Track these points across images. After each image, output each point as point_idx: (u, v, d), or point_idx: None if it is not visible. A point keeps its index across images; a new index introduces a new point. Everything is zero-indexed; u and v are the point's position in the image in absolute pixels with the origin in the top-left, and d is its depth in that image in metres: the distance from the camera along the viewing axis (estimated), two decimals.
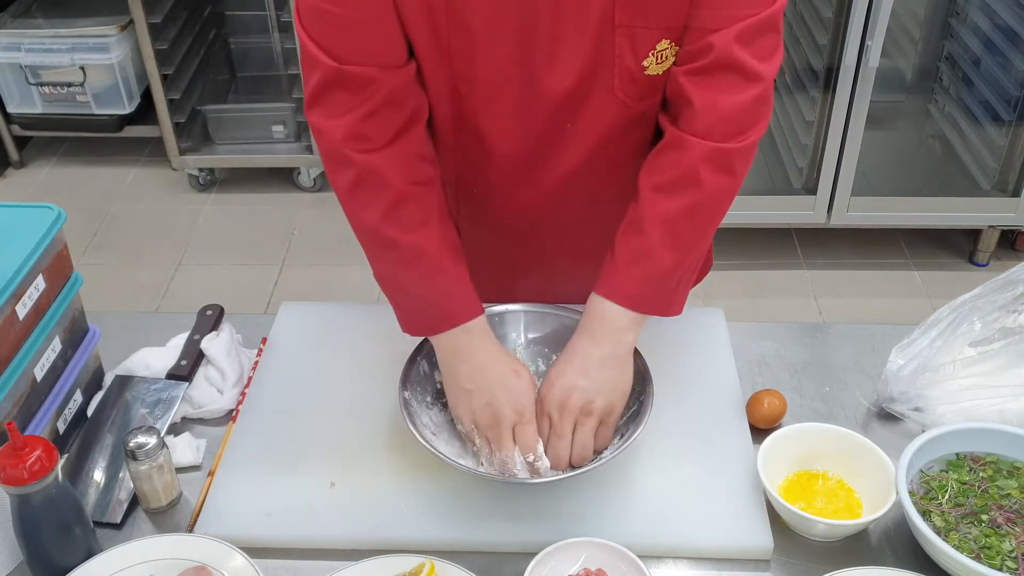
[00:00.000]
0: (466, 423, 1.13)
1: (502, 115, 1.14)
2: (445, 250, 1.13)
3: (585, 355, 1.11)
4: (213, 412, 1.25)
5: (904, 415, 1.21)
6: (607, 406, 1.10)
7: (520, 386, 1.11)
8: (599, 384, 1.10)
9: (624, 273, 1.11)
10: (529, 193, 1.23)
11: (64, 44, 3.18)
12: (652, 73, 1.10)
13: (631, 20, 1.06)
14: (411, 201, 1.11)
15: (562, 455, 1.10)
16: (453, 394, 1.14)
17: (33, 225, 1.16)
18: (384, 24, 1.06)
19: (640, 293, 1.11)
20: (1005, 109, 2.88)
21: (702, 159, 1.07)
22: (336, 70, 1.06)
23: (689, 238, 1.11)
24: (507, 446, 1.10)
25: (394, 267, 1.15)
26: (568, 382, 1.10)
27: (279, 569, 1.05)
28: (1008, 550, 1.01)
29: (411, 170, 1.12)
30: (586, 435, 1.10)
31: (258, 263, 3.11)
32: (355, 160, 1.09)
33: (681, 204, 1.09)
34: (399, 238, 1.11)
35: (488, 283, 1.20)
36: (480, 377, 1.11)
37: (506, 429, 1.10)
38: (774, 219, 2.93)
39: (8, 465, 0.95)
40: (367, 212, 1.12)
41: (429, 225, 1.12)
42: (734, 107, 1.06)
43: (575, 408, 1.09)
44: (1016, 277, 1.25)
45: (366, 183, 1.10)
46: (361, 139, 1.08)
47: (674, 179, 1.09)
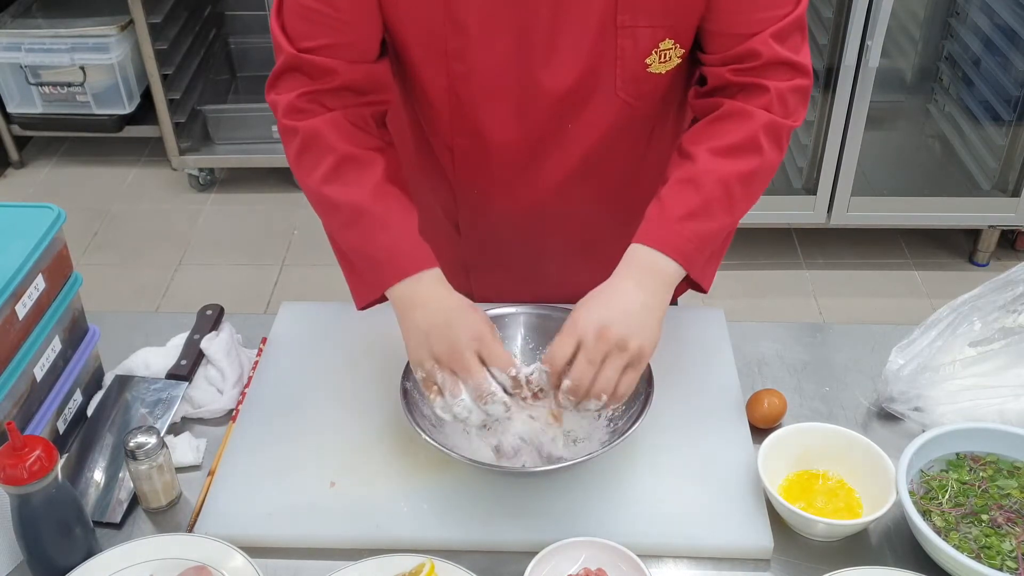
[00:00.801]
0: (426, 364, 1.07)
1: (501, 115, 1.14)
2: (389, 205, 1.11)
3: (629, 297, 1.07)
4: (213, 412, 1.25)
5: (904, 415, 1.21)
6: (640, 349, 1.05)
7: (476, 316, 1.08)
8: (640, 327, 1.06)
9: (678, 227, 1.09)
10: (529, 193, 1.23)
11: (64, 44, 3.18)
12: (655, 72, 1.10)
13: (635, 20, 1.06)
14: (352, 161, 1.12)
15: (584, 381, 1.04)
16: (410, 340, 1.09)
17: (33, 225, 1.16)
18: (361, 25, 1.08)
19: (691, 249, 1.09)
20: (1005, 109, 2.88)
21: (764, 129, 1.10)
22: (295, 57, 1.10)
23: (740, 203, 1.12)
24: (474, 369, 1.05)
25: (339, 230, 1.15)
26: (608, 315, 1.05)
27: (279, 569, 1.05)
28: (1008, 550, 1.01)
29: (354, 137, 1.13)
30: (613, 370, 1.04)
31: (258, 263, 3.11)
32: (300, 127, 1.12)
33: (741, 168, 1.10)
34: (339, 197, 1.12)
35: (488, 283, 1.20)
36: (434, 317, 1.07)
37: (468, 353, 1.05)
38: (774, 219, 2.93)
39: (8, 465, 0.95)
40: (312, 176, 1.13)
41: (369, 181, 1.12)
42: (789, 89, 1.11)
43: (611, 339, 1.04)
44: (1016, 277, 1.25)
45: (309, 148, 1.12)
46: (309, 109, 1.12)
47: (736, 143, 1.10)
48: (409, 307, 1.10)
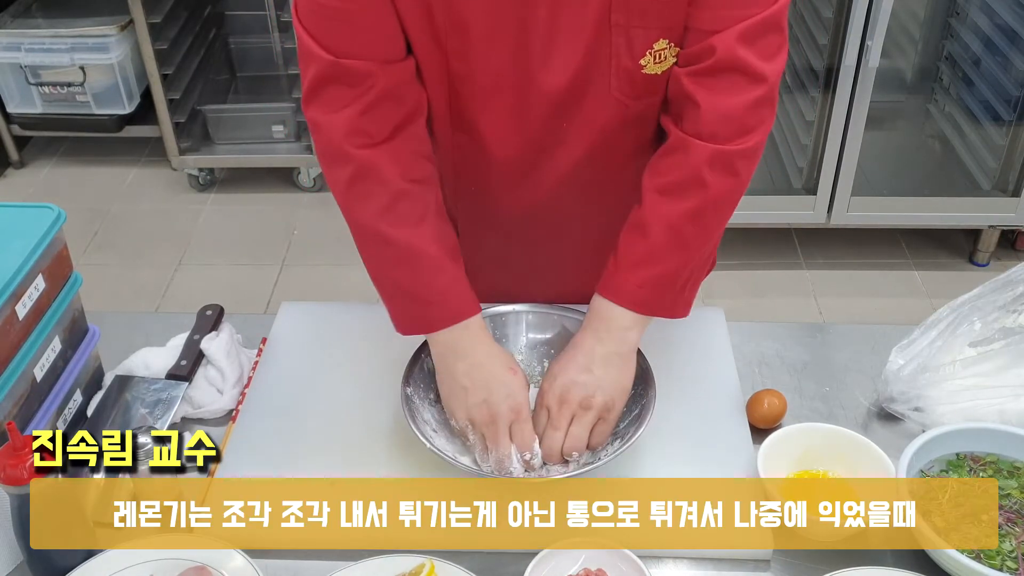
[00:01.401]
0: (460, 420, 1.12)
1: (499, 114, 1.14)
2: (443, 248, 1.13)
3: (589, 352, 1.11)
4: (213, 412, 1.25)
5: (904, 415, 1.21)
6: (607, 402, 1.10)
7: (516, 383, 1.11)
8: (600, 381, 1.10)
9: (628, 276, 1.11)
10: (528, 192, 1.23)
11: (64, 44, 3.18)
12: (650, 72, 1.10)
13: (628, 20, 1.05)
14: (408, 198, 1.11)
15: (555, 447, 1.10)
16: (449, 390, 1.13)
17: (33, 225, 1.16)
18: (382, 18, 1.06)
19: (644, 296, 1.11)
20: (1005, 109, 2.88)
21: (706, 162, 1.06)
22: (333, 64, 1.05)
23: (694, 241, 1.11)
24: (504, 444, 1.10)
25: (391, 265, 1.14)
26: (569, 377, 1.11)
27: (279, 569, 1.05)
28: (1008, 550, 1.01)
29: (409, 167, 1.11)
30: (582, 428, 1.10)
31: (258, 263, 3.11)
32: (353, 156, 1.09)
33: (685, 207, 1.09)
34: (396, 235, 1.11)
35: (488, 283, 1.20)
36: (477, 374, 1.11)
37: (503, 427, 1.09)
38: (774, 219, 2.93)
39: (8, 465, 0.95)
40: (364, 209, 1.11)
41: (426, 223, 1.12)
42: (738, 108, 1.05)
43: (574, 402, 1.10)
44: (1016, 277, 1.25)
45: (364, 179, 1.10)
46: (360, 134, 1.08)
47: (678, 182, 1.08)
48: (452, 355, 1.12)
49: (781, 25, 1.06)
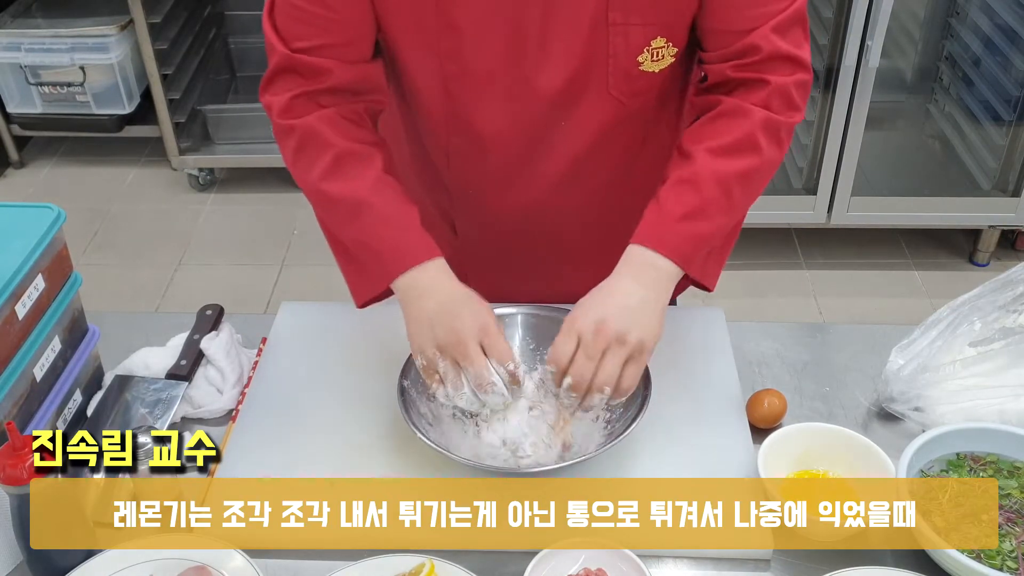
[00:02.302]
0: (428, 351, 1.08)
1: (494, 114, 1.14)
2: (390, 198, 1.12)
3: (626, 292, 1.08)
4: (213, 412, 1.25)
5: (904, 415, 1.21)
6: (640, 342, 1.06)
7: (481, 307, 1.09)
8: (639, 318, 1.06)
9: (676, 228, 1.09)
10: (525, 192, 1.23)
11: (64, 44, 3.18)
12: (647, 70, 1.10)
13: (626, 18, 1.06)
14: (351, 156, 1.12)
15: (586, 375, 1.05)
16: (413, 327, 1.10)
17: (33, 225, 1.16)
18: (353, 24, 1.09)
19: (689, 250, 1.10)
20: (1005, 109, 2.88)
21: (761, 126, 1.10)
22: (289, 56, 1.10)
23: (739, 202, 1.13)
24: (477, 358, 1.06)
25: (341, 223, 1.15)
26: (605, 310, 1.06)
27: (279, 569, 1.05)
28: (1008, 550, 1.01)
29: (348, 131, 1.13)
30: (614, 364, 1.05)
31: (258, 263, 3.11)
32: (295, 126, 1.12)
33: (739, 167, 1.10)
34: (339, 192, 1.12)
35: (485, 283, 1.20)
36: (439, 306, 1.08)
37: (472, 344, 1.06)
38: (774, 219, 2.93)
39: (8, 465, 0.95)
40: (310, 173, 1.13)
41: (368, 175, 1.12)
42: (789, 85, 1.10)
43: (610, 332, 1.04)
44: (1016, 277, 1.25)
45: (306, 145, 1.13)
46: (299, 107, 1.12)
47: (734, 143, 1.10)
48: (414, 296, 1.10)
49: (805, 16, 1.11)
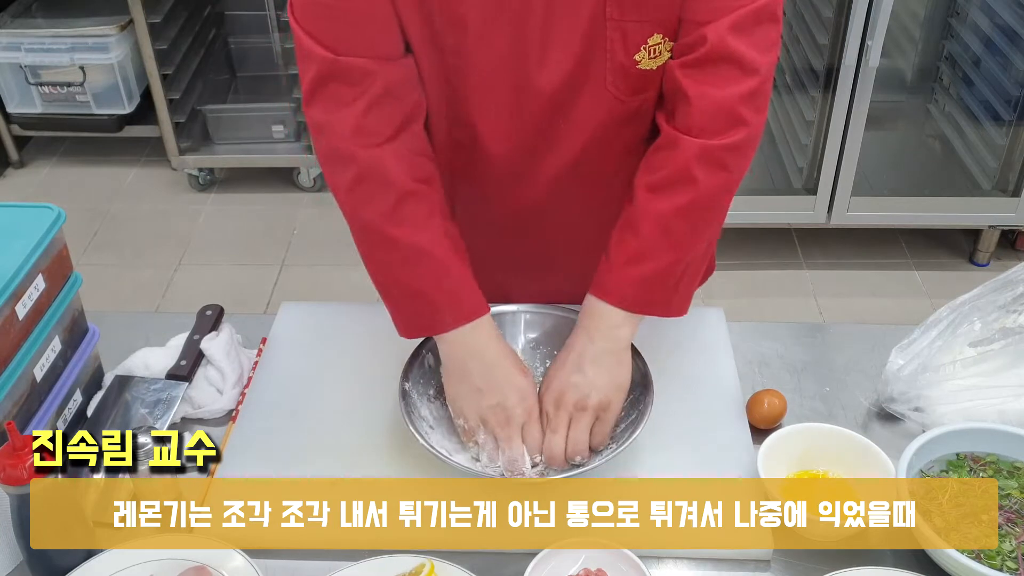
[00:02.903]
0: (471, 420, 1.12)
1: (495, 110, 1.14)
2: (450, 248, 1.13)
3: (580, 352, 1.12)
4: (213, 412, 1.25)
5: (904, 415, 1.21)
6: (602, 402, 1.11)
7: (528, 386, 1.12)
8: (594, 380, 1.11)
9: (619, 274, 1.11)
10: (524, 190, 1.23)
11: (64, 44, 3.18)
12: (645, 68, 1.10)
13: (622, 14, 1.06)
14: (414, 199, 1.10)
15: (556, 451, 1.11)
16: (459, 391, 1.13)
17: (33, 225, 1.16)
18: (380, 15, 1.06)
19: (636, 294, 1.11)
20: (1005, 109, 2.88)
21: (694, 158, 1.06)
22: (332, 62, 1.05)
23: (685, 238, 1.10)
24: (517, 445, 1.11)
25: (397, 267, 1.13)
26: (563, 379, 1.11)
27: (279, 569, 1.05)
28: (1008, 550, 1.01)
29: (413, 167, 1.11)
30: (580, 431, 1.11)
31: (258, 263, 3.11)
32: (359, 156, 1.08)
33: (675, 203, 1.08)
34: (402, 236, 1.10)
35: (485, 283, 1.20)
36: (490, 375, 1.11)
37: (516, 429, 1.11)
38: (774, 219, 2.93)
39: (8, 465, 0.95)
40: (369, 210, 1.11)
41: (433, 223, 1.12)
42: (729, 99, 1.04)
43: (569, 404, 1.10)
44: (1016, 277, 1.25)
45: (368, 180, 1.09)
46: (365, 133, 1.07)
47: (667, 178, 1.08)
48: (463, 354, 1.12)
49: (776, 15, 1.05)
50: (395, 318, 1.17)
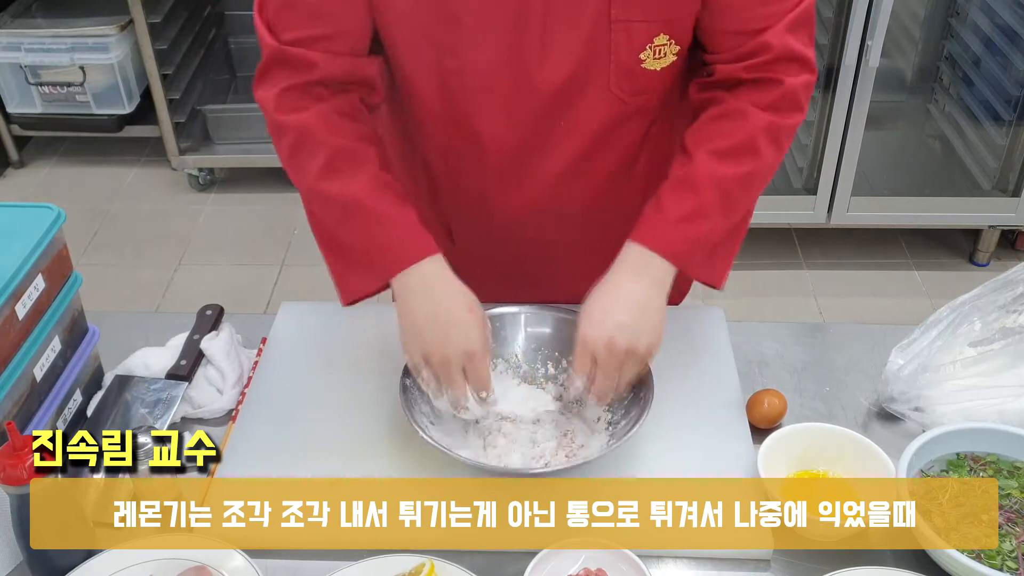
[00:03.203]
0: (415, 358, 1.12)
1: (493, 111, 1.14)
2: (385, 196, 1.13)
3: (629, 294, 1.11)
4: (213, 412, 1.25)
5: (904, 415, 1.21)
6: (648, 348, 1.10)
7: (472, 323, 1.10)
8: (643, 324, 1.10)
9: (673, 228, 1.12)
10: (523, 192, 1.23)
11: (64, 44, 3.18)
12: (649, 68, 1.10)
13: (628, 14, 1.06)
14: (344, 153, 1.12)
15: (608, 391, 1.11)
16: (403, 330, 1.13)
17: (33, 225, 1.16)
18: (343, 13, 1.09)
19: (684, 250, 1.13)
20: (1005, 109, 2.88)
21: (763, 131, 1.11)
22: (279, 49, 1.09)
23: (738, 204, 1.15)
24: (457, 385, 1.10)
25: (336, 224, 1.16)
26: (613, 323, 1.09)
27: (279, 569, 1.05)
28: (1008, 550, 1.01)
29: (343, 128, 1.13)
30: (630, 372, 1.11)
31: (258, 263, 3.11)
32: (287, 123, 1.12)
33: (739, 171, 1.12)
34: (335, 191, 1.12)
35: (484, 285, 1.19)
36: (432, 313, 1.10)
37: (456, 369, 1.09)
38: (774, 219, 2.93)
39: (8, 465, 0.95)
40: (305, 172, 1.14)
41: (363, 175, 1.13)
42: (794, 87, 1.11)
43: (621, 350, 1.09)
44: (1016, 277, 1.25)
45: (301, 145, 1.13)
46: (289, 102, 1.11)
47: (735, 146, 1.12)
48: (408, 293, 1.12)
49: (813, 16, 1.12)
50: (336, 281, 1.20)
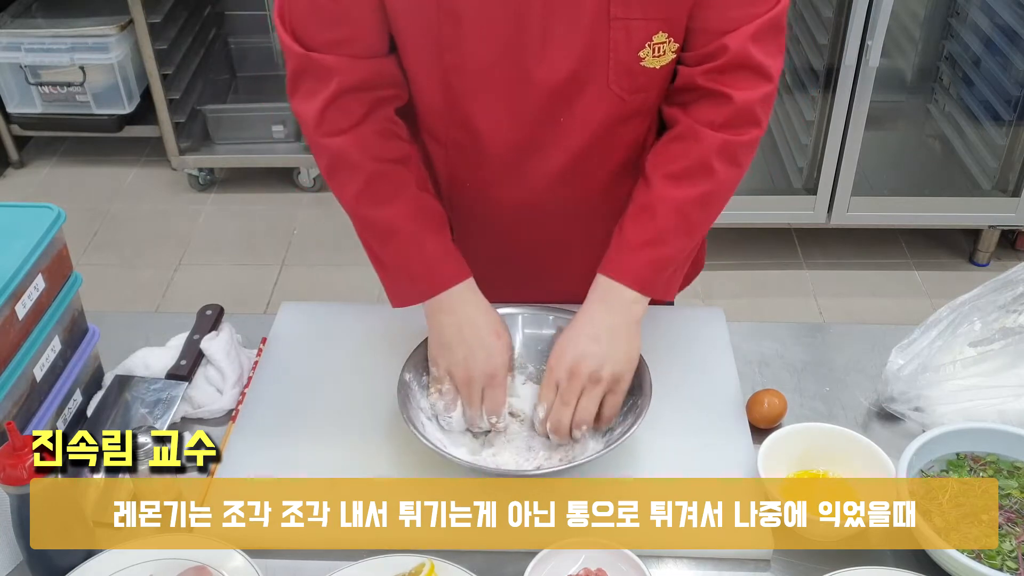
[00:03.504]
0: (440, 368, 1.16)
1: (493, 108, 1.14)
2: (420, 222, 1.17)
3: (596, 323, 1.13)
4: (213, 412, 1.25)
5: (904, 415, 1.21)
6: (615, 375, 1.11)
7: (498, 347, 1.15)
8: (609, 352, 1.11)
9: (635, 256, 1.14)
10: (523, 188, 1.23)
11: (64, 44, 3.18)
12: (648, 66, 1.11)
13: (627, 12, 1.06)
14: (381, 178, 1.15)
15: (563, 421, 1.12)
16: (433, 344, 1.17)
17: (33, 225, 1.16)
18: (363, 14, 1.09)
19: (649, 276, 1.14)
20: (1005, 109, 2.88)
21: (716, 151, 1.11)
22: (303, 56, 1.10)
23: (698, 225, 1.16)
24: (475, 405, 1.14)
25: (376, 243, 1.20)
26: (579, 349, 1.12)
27: (279, 569, 1.05)
28: (1008, 550, 1.01)
29: (378, 149, 1.15)
30: (591, 402, 1.11)
31: (258, 263, 3.11)
32: (325, 145, 1.14)
33: (695, 193, 1.13)
34: (372, 215, 1.16)
35: (484, 280, 1.20)
36: (461, 332, 1.15)
37: (476, 390, 1.13)
38: (774, 219, 2.93)
39: (8, 465, 0.95)
40: (344, 194, 1.17)
41: (401, 199, 1.16)
42: (750, 101, 1.10)
43: (584, 375, 1.10)
44: (1016, 277, 1.25)
45: (338, 166, 1.15)
46: (326, 123, 1.13)
47: (688, 168, 1.12)
48: (439, 313, 1.17)
49: (783, 25, 1.11)
50: (386, 289, 1.23)
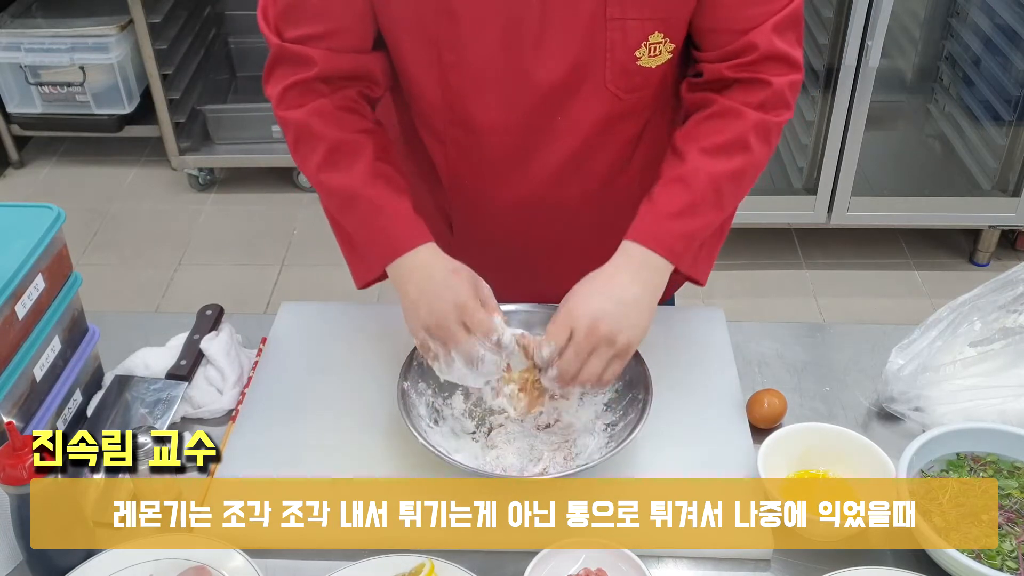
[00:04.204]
0: (419, 334, 1.14)
1: (491, 106, 1.15)
2: (380, 187, 1.16)
3: (623, 288, 1.11)
4: (213, 412, 1.25)
5: (904, 415, 1.21)
6: (629, 342, 1.10)
7: (458, 282, 1.12)
8: (629, 319, 1.10)
9: (667, 225, 1.13)
10: (521, 186, 1.23)
11: (64, 44, 3.18)
12: (644, 65, 1.11)
13: (623, 12, 1.07)
14: (341, 148, 1.16)
15: (572, 371, 1.10)
16: (405, 311, 1.16)
17: (33, 225, 1.16)
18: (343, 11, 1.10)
19: (679, 246, 1.14)
20: (1005, 109, 2.88)
21: (753, 128, 1.13)
22: (280, 47, 1.13)
23: (729, 200, 1.17)
24: (459, 338, 1.11)
25: (336, 213, 1.21)
26: (600, 306, 1.10)
27: (279, 569, 1.05)
28: (1008, 550, 1.01)
29: (338, 121, 1.16)
30: (600, 362, 1.10)
31: (258, 263, 3.11)
32: (288, 119, 1.16)
33: (730, 166, 1.14)
34: (334, 183, 1.17)
35: (483, 277, 1.20)
36: (420, 288, 1.13)
37: (454, 325, 1.11)
38: (774, 219, 2.93)
39: (8, 465, 0.95)
40: (307, 165, 1.18)
41: (360, 168, 1.16)
42: (782, 86, 1.14)
43: (601, 334, 1.09)
44: (1016, 277, 1.25)
45: (301, 138, 1.17)
46: (290, 99, 1.15)
47: (726, 143, 1.14)
48: (403, 280, 1.15)
49: (802, 17, 1.15)
50: (350, 267, 1.24)
